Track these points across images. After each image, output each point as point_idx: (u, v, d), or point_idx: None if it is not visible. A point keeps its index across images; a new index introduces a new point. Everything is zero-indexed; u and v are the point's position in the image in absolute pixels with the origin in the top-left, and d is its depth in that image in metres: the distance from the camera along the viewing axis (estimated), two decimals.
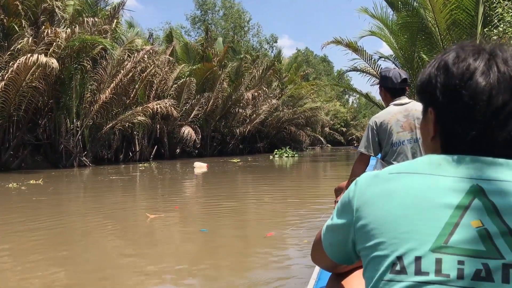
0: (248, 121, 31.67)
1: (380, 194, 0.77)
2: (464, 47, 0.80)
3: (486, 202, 0.70)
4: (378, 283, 0.72)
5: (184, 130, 24.75)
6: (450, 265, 0.67)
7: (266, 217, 6.39)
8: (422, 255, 0.69)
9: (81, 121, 18.90)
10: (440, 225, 0.70)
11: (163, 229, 5.69)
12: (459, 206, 0.71)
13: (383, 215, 0.75)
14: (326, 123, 55.68)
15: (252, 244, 4.81)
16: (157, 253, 4.46)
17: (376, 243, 0.74)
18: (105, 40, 17.48)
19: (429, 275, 0.68)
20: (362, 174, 0.85)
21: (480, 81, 0.74)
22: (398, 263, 0.71)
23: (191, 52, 28.77)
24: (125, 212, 7.16)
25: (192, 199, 9.32)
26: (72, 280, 3.62)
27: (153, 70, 22.30)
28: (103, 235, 5.35)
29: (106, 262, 4.14)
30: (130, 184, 12.69)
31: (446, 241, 0.69)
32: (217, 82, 27.58)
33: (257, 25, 64.24)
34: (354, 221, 0.80)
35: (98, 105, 18.70)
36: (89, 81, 18.93)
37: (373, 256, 0.75)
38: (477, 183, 0.72)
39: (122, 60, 19.43)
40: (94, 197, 9.53)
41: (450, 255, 0.68)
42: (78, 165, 19.00)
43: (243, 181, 13.57)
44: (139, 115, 19.94)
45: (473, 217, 0.70)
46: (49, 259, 4.22)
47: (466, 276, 0.66)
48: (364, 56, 15.46)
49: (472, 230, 0.69)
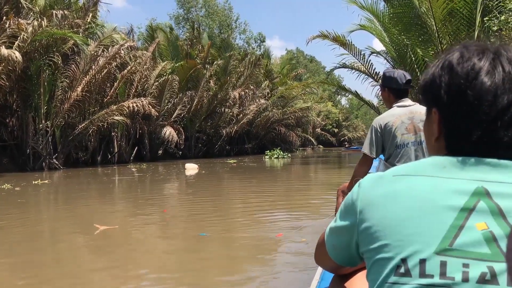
0: (235, 121, 30.42)
1: (384, 196, 0.77)
2: (468, 47, 0.79)
3: (491, 205, 0.70)
4: (382, 285, 0.72)
5: (165, 130, 23.51)
6: (455, 268, 0.67)
7: (269, 219, 6.37)
8: (426, 258, 0.69)
9: (52, 121, 17.62)
10: (445, 228, 0.70)
11: (159, 234, 5.65)
12: (464, 209, 0.71)
13: (387, 217, 0.75)
14: (317, 123, 54.78)
15: (256, 246, 4.74)
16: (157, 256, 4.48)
17: (380, 245, 0.74)
18: (76, 35, 16.24)
19: (433, 277, 0.68)
20: (366, 176, 0.84)
21: (485, 80, 0.74)
22: (402, 265, 0.71)
23: (175, 50, 27.56)
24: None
25: (184, 202, 9.04)
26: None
27: (133, 67, 21.05)
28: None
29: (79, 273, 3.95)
30: (107, 188, 11.48)
31: (451, 244, 0.69)
32: (202, 80, 26.38)
33: (244, 23, 62.93)
34: (358, 223, 0.79)
35: (69, 103, 17.44)
36: (60, 78, 17.68)
37: (377, 259, 0.74)
38: (482, 185, 0.72)
39: (96, 55, 18.17)
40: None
41: (455, 258, 0.68)
42: (48, 168, 17.73)
43: (238, 183, 13.45)
44: (115, 115, 18.67)
45: (478, 219, 0.69)
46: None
47: (471, 279, 0.66)
48: (353, 51, 14.32)
49: (477, 233, 0.69)
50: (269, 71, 38.00)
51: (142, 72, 22.43)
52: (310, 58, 78.59)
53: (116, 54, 18.74)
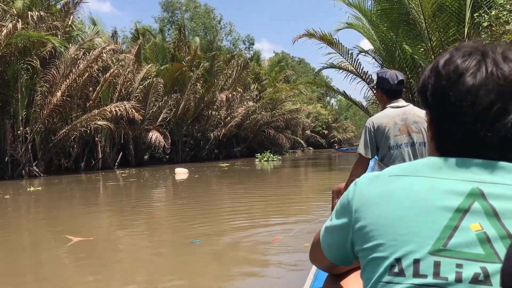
0: (222, 124, 29.89)
1: (379, 196, 0.77)
2: (460, 48, 0.79)
3: (486, 206, 0.70)
4: (376, 284, 0.72)
5: (151, 135, 22.93)
6: (449, 268, 0.67)
7: (265, 224, 6.26)
8: (420, 258, 0.69)
9: (31, 127, 17.00)
10: (439, 228, 0.70)
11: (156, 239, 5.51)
12: (458, 209, 0.70)
13: (382, 217, 0.74)
14: (307, 125, 54.44)
15: (249, 248, 4.76)
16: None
17: (374, 244, 0.74)
18: (53, 37, 15.64)
19: (427, 277, 0.68)
20: (362, 175, 0.83)
21: (466, 81, 0.74)
22: (396, 265, 0.70)
23: (162, 52, 27.02)
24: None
25: (175, 207, 8.73)
26: None
27: (116, 70, 20.47)
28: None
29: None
30: (93, 195, 10.92)
31: (445, 244, 0.68)
32: (188, 83, 25.85)
33: (229, 24, 62.43)
34: (353, 222, 0.79)
35: (49, 108, 16.84)
36: (39, 83, 17.07)
37: (372, 258, 0.74)
38: (477, 186, 0.71)
39: (77, 59, 17.59)
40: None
41: (449, 258, 0.68)
42: (28, 176, 17.09)
43: (231, 187, 13.17)
44: (97, 119, 18.08)
45: (473, 220, 0.69)
46: None
47: (464, 279, 0.66)
48: (340, 50, 13.88)
49: (471, 234, 0.69)
50: (258, 73, 37.57)
51: (125, 75, 21.86)
52: (299, 60, 78.46)
53: (97, 57, 18.18)
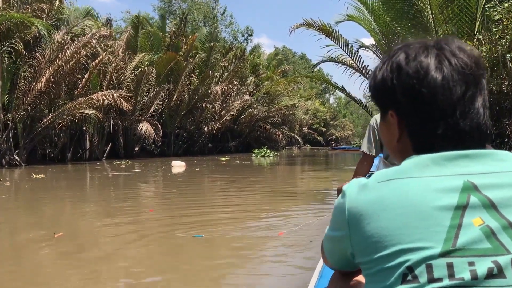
0: (217, 117, 29.08)
1: (372, 205, 0.74)
2: (410, 45, 0.80)
3: (482, 198, 0.70)
4: None
5: (141, 126, 22.11)
6: (462, 267, 0.66)
7: (269, 218, 6.12)
8: (432, 262, 0.68)
9: (13, 114, 16.18)
10: (444, 229, 0.69)
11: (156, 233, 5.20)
12: (458, 207, 0.70)
13: (382, 227, 0.72)
14: (304, 122, 53.68)
15: (253, 243, 4.65)
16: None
17: (379, 256, 0.72)
18: (37, 20, 14.79)
19: (443, 281, 0.66)
20: (348, 184, 0.80)
21: (436, 76, 0.75)
22: (409, 273, 0.68)
23: (157, 41, 26.12)
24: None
25: (175, 200, 8.32)
26: None
27: (106, 57, 19.63)
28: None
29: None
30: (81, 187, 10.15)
31: (453, 245, 0.68)
32: (183, 74, 25.01)
33: (230, 15, 61.33)
34: (350, 236, 0.77)
35: (33, 95, 16.01)
36: (22, 67, 16.23)
37: (379, 269, 0.72)
38: (468, 179, 0.71)
39: (64, 44, 16.74)
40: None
41: (460, 257, 0.67)
42: (8, 165, 16.29)
43: (231, 181, 12.78)
44: (83, 108, 17.26)
45: (473, 215, 0.69)
46: None
47: (480, 276, 0.65)
48: (340, 42, 13.12)
49: (475, 229, 0.68)
50: (256, 65, 36.70)
51: (116, 63, 21.01)
52: (302, 54, 77.55)
53: (86, 43, 17.34)
